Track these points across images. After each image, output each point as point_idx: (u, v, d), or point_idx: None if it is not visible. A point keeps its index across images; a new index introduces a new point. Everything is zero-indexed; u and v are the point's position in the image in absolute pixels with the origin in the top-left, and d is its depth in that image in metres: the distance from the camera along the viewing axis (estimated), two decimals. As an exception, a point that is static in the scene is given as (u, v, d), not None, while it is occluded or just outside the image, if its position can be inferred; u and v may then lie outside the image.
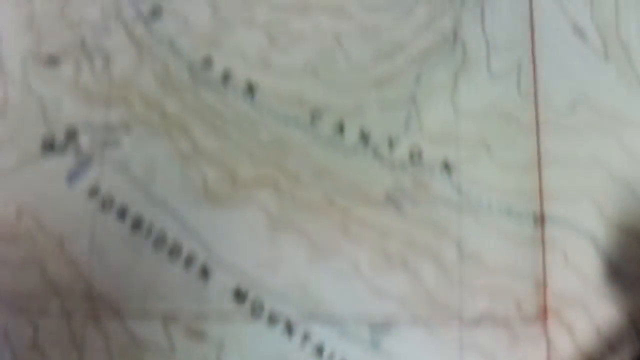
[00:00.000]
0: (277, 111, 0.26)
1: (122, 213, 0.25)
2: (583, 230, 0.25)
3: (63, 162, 0.25)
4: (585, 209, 0.25)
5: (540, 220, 0.25)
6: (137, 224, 0.25)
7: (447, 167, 0.25)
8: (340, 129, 0.25)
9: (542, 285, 0.24)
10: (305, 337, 0.23)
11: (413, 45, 0.26)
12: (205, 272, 0.24)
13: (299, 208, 0.25)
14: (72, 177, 0.25)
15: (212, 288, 0.24)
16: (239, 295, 0.24)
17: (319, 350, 0.23)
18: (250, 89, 0.26)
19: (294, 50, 0.26)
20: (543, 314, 0.24)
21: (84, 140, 0.25)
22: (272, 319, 0.24)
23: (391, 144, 0.25)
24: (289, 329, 0.24)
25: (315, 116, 0.26)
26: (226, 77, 0.26)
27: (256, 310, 0.24)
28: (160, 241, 0.25)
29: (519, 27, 0.26)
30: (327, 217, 0.25)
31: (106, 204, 0.25)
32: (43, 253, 0.24)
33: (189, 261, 0.24)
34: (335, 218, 0.25)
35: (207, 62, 0.26)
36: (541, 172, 0.25)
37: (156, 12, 0.27)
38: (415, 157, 0.25)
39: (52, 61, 0.26)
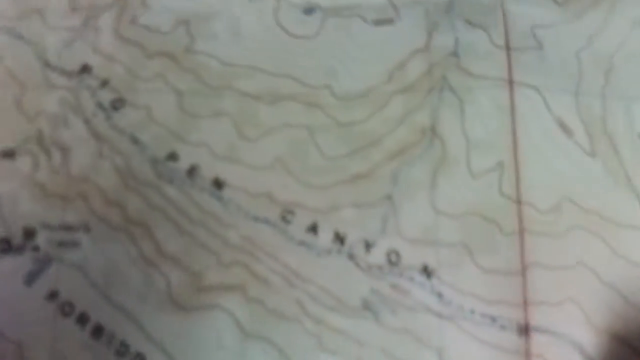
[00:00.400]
0: (246, 210, 0.32)
1: (82, 319, 0.30)
2: (569, 338, 0.30)
3: (21, 263, 0.31)
4: (572, 315, 0.31)
5: (525, 329, 0.30)
6: (97, 331, 0.30)
7: (426, 272, 0.31)
8: (314, 229, 0.31)
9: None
10: None
11: (389, 141, 0.32)
12: (171, 385, 0.28)
13: (269, 316, 0.30)
14: (30, 279, 0.31)
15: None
16: (204, 410, 0.28)
17: None
18: (218, 185, 0.32)
19: (263, 144, 0.32)
20: None
21: (42, 239, 0.31)
22: None
23: (367, 246, 0.31)
24: None
25: (286, 215, 0.31)
26: (192, 173, 0.32)
27: None
28: (122, 350, 0.30)
29: (500, 123, 0.32)
30: (300, 326, 0.30)
31: (66, 308, 0.30)
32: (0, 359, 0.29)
33: (154, 373, 0.28)
34: (308, 327, 0.30)
35: (172, 157, 0.32)
36: (525, 278, 0.31)
37: (117, 104, 0.33)
38: (393, 261, 0.31)
39: (8, 155, 0.32)
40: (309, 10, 0.35)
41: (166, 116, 0.33)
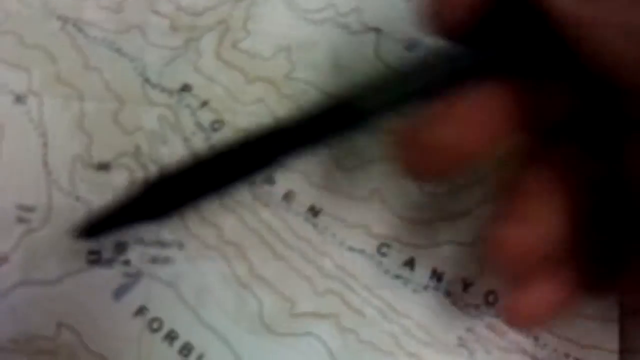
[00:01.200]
0: (341, 239, 0.33)
1: (170, 336, 0.31)
2: None
3: (110, 277, 0.32)
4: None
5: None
6: (186, 350, 0.31)
7: (521, 314, 0.32)
8: (411, 264, 0.33)
9: None
10: None
11: (490, 180, 0.34)
12: (258, 409, 0.29)
13: (363, 347, 0.32)
14: (119, 293, 0.32)
15: None
16: None
17: None
18: (314, 212, 0.33)
19: (361, 175, 0.33)
20: None
21: (134, 254, 0.32)
22: None
23: (465, 285, 0.33)
24: None
25: (382, 249, 0.33)
26: (288, 197, 0.34)
27: None
28: None
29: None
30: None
31: (154, 324, 0.32)
32: (83, 372, 0.28)
33: (241, 395, 0.29)
34: None
35: (269, 180, 0.34)
36: (622, 325, 0.32)
37: (217, 125, 0.34)
38: (490, 301, 0.32)
39: (103, 168, 0.34)
40: (411, 46, 0.36)
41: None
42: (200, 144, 0.35)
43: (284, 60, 0.36)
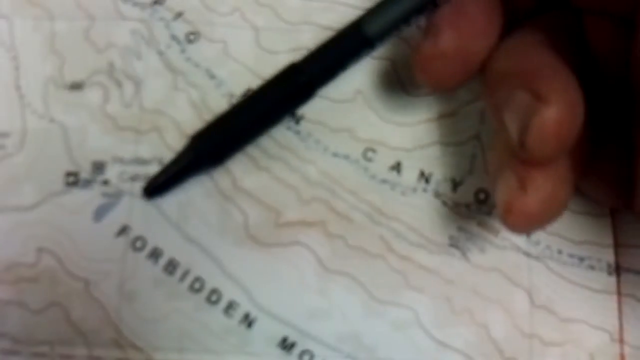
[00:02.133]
0: (325, 144, 0.32)
1: (154, 254, 0.31)
2: None
3: (89, 198, 0.31)
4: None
5: (615, 269, 0.31)
6: (171, 267, 0.31)
7: (515, 211, 0.31)
8: (398, 168, 0.32)
9: (618, 339, 0.30)
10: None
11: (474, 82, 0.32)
12: (248, 321, 0.30)
13: (352, 252, 0.31)
14: (99, 214, 0.31)
15: (256, 337, 0.30)
16: (286, 346, 0.30)
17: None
18: (296, 119, 0.33)
19: (344, 76, 0.33)
20: (620, 369, 0.27)
21: (112, 174, 0.32)
22: (323, 372, 0.28)
23: (455, 185, 0.32)
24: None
25: (368, 153, 0.32)
26: (270, 108, 0.30)
27: (305, 361, 0.28)
28: (197, 286, 0.30)
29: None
30: (385, 263, 0.31)
31: (137, 243, 0.31)
32: (67, 296, 0.30)
33: (230, 308, 0.30)
34: (393, 264, 0.31)
35: (248, 93, 0.32)
36: (615, 220, 0.31)
37: (192, 37, 0.33)
38: (481, 199, 0.31)
39: (76, 87, 0.33)
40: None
41: (243, 52, 0.33)
42: (176, 56, 0.34)
43: (260, -34, 0.33)
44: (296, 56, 0.31)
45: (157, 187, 0.30)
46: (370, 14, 0.30)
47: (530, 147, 0.23)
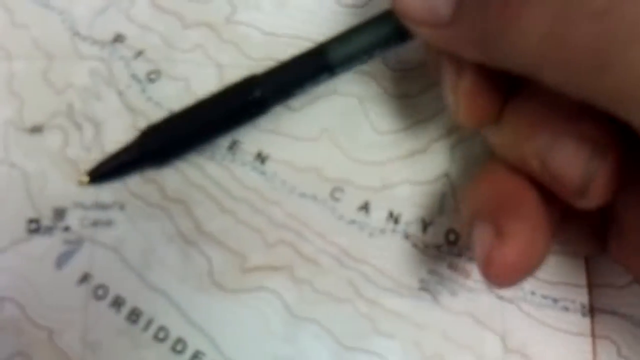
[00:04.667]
0: (292, 185, 0.32)
1: (116, 303, 0.30)
2: (638, 319, 0.30)
3: (50, 245, 0.31)
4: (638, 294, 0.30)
5: (590, 310, 0.31)
6: (134, 315, 0.30)
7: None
8: (366, 208, 0.32)
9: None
10: None
11: (445, 115, 0.33)
12: (213, 371, 0.28)
13: (319, 297, 0.31)
14: (61, 261, 0.31)
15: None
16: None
17: None
18: (261, 159, 0.32)
19: (310, 114, 0.33)
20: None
21: (73, 220, 0.31)
22: None
23: (425, 226, 0.32)
24: None
25: (335, 193, 0.32)
26: (233, 147, 0.33)
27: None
28: (161, 335, 0.30)
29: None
30: (353, 309, 0.30)
31: (99, 291, 0.31)
32: (30, 346, 0.30)
33: (195, 358, 0.30)
34: (362, 309, 0.30)
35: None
36: (589, 261, 0.31)
37: (153, 76, 0.33)
38: (451, 240, 0.31)
39: (36, 130, 0.33)
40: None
41: (206, 89, 0.33)
42: (137, 96, 0.34)
43: (224, 2, 0.35)
44: None
45: (99, 174, 0.31)
46: (335, 40, 0.31)
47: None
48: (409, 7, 0.25)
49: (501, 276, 0.23)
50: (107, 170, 0.31)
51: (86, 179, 0.32)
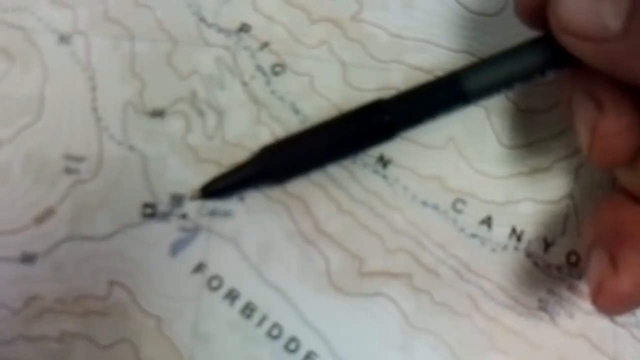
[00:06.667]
0: (414, 192, 0.32)
1: (230, 295, 0.31)
2: None
3: (166, 231, 0.31)
4: None
5: None
6: (248, 310, 0.31)
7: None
8: (488, 222, 0.32)
9: None
10: None
11: (571, 134, 0.32)
12: (326, 373, 0.28)
13: (438, 309, 0.31)
14: (176, 248, 0.31)
15: (332, 391, 0.28)
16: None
17: None
18: (383, 163, 0.33)
19: (435, 122, 0.32)
20: None
21: (191, 208, 0.32)
22: None
23: (547, 245, 0.32)
24: None
25: (457, 204, 0.32)
26: (355, 150, 0.30)
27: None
28: (275, 332, 0.30)
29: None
30: (471, 323, 0.31)
31: (213, 282, 0.31)
32: (137, 333, 0.30)
33: (308, 358, 0.30)
34: (480, 324, 0.31)
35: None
36: None
37: (278, 69, 0.34)
38: (572, 262, 0.32)
39: (157, 114, 0.33)
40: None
41: (329, 87, 0.33)
42: (261, 88, 0.34)
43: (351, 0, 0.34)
44: (384, 95, 0.31)
45: (215, 189, 0.31)
46: (472, 69, 0.30)
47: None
48: (572, 21, 0.24)
49: (609, 304, 0.24)
50: (221, 187, 0.31)
51: (198, 194, 0.32)
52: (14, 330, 0.31)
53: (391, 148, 0.33)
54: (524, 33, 0.29)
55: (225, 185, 0.32)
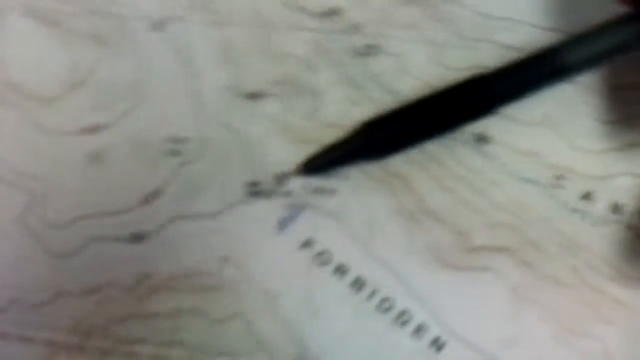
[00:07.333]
0: (512, 168, 0.33)
1: (339, 270, 0.32)
2: None
3: (271, 209, 0.33)
4: None
5: None
6: (357, 284, 0.32)
7: None
8: (588, 197, 0.33)
9: None
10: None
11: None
12: (438, 344, 0.31)
13: (544, 282, 0.32)
14: (283, 225, 0.32)
15: (445, 361, 0.29)
16: (476, 371, 0.29)
17: None
18: (482, 140, 0.34)
19: (530, 98, 0.33)
20: None
21: (295, 186, 0.33)
22: (513, 396, 0.28)
23: (647, 217, 0.30)
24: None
25: (558, 180, 0.33)
26: (452, 125, 0.31)
27: (493, 388, 0.28)
28: (385, 305, 0.31)
29: None
30: (576, 294, 0.32)
31: (322, 257, 0.32)
32: (250, 307, 0.32)
33: (420, 330, 0.31)
34: (585, 296, 0.31)
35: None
36: None
37: (371, 50, 0.34)
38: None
39: (255, 97, 0.34)
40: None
41: (421, 67, 0.34)
42: (353, 70, 0.35)
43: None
44: (475, 74, 0.32)
45: (317, 165, 0.32)
46: (571, 43, 0.31)
47: None
48: None
49: None
50: (322, 163, 0.32)
51: (300, 170, 0.33)
52: (127, 308, 0.32)
53: (489, 125, 0.33)
54: (611, 9, 0.30)
55: (326, 161, 0.33)
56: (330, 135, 0.33)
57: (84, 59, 0.34)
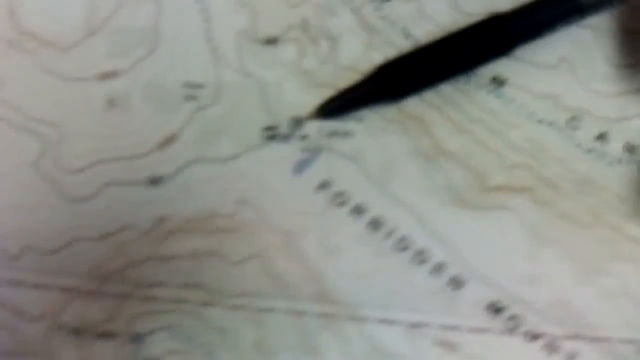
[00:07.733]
0: (529, 110, 0.33)
1: (357, 210, 0.32)
2: None
3: (288, 152, 0.33)
4: None
5: None
6: (375, 224, 0.32)
7: None
8: (603, 138, 0.33)
9: None
10: (570, 357, 0.31)
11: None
12: (456, 282, 0.32)
13: (561, 220, 0.32)
14: (299, 168, 0.32)
15: (463, 300, 0.31)
16: (494, 309, 0.31)
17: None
18: (497, 83, 0.34)
19: (546, 41, 0.33)
20: None
21: (311, 129, 0.33)
22: (531, 336, 0.31)
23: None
24: (550, 346, 0.31)
25: (573, 122, 0.33)
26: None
27: (512, 325, 0.31)
28: (403, 245, 0.32)
29: None
30: (593, 233, 0.32)
31: (339, 199, 0.32)
32: (267, 248, 0.32)
33: (438, 269, 0.32)
34: (602, 234, 0.32)
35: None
36: None
37: None
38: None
39: (271, 42, 0.34)
40: None
41: (438, 12, 0.34)
42: (371, 14, 0.35)
43: None
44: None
45: (333, 108, 0.32)
46: None
47: None
48: None
49: None
50: (338, 105, 0.32)
51: (317, 113, 0.33)
52: (145, 250, 0.32)
53: (505, 68, 0.33)
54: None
55: (342, 104, 0.33)
56: (347, 79, 0.33)
57: (100, 5, 0.34)
